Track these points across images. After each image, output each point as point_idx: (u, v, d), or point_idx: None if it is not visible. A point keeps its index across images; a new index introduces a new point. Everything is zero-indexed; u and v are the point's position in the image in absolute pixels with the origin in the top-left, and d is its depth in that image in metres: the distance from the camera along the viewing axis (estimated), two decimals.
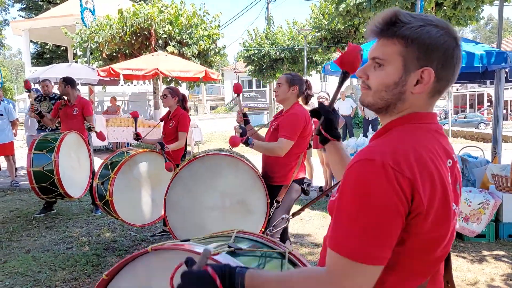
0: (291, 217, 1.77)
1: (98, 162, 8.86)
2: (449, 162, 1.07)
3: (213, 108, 38.96)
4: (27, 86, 5.45)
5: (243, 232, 1.44)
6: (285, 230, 3.42)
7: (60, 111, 5.84)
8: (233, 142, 2.92)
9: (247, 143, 3.04)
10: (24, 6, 31.74)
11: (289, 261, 1.34)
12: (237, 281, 1.00)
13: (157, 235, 4.96)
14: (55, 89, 7.36)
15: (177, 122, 4.63)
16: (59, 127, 7.06)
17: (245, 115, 3.55)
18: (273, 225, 1.77)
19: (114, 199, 4.26)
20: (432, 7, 11.60)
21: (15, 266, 4.10)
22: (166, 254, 1.24)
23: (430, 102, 1.08)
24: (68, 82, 5.81)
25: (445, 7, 11.63)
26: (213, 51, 13.69)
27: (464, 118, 26.52)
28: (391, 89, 1.05)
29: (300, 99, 3.42)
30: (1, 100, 8.13)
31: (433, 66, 1.01)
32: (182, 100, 4.87)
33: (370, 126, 12.51)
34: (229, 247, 1.24)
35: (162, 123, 4.90)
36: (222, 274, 1.00)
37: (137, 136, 4.73)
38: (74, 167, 5.54)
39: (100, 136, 5.56)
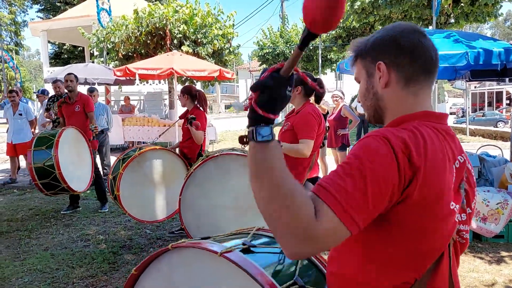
0: None
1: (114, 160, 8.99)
2: (457, 163, 1.09)
3: (227, 107, 39.07)
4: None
5: (262, 230, 1.46)
6: None
7: (61, 109, 5.86)
8: None
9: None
10: (42, 7, 32.31)
11: (307, 258, 1.36)
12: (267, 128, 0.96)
13: (175, 232, 5.02)
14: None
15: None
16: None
17: None
18: None
19: (121, 194, 4.38)
20: (449, 4, 11.43)
21: (34, 263, 4.19)
22: (185, 252, 1.33)
23: (410, 91, 1.12)
24: (77, 78, 5.87)
25: (462, 4, 11.45)
26: (227, 50, 13.72)
27: (482, 116, 26.09)
28: (366, 95, 1.20)
29: (312, 98, 3.41)
30: (20, 100, 8.29)
31: (385, 59, 1.12)
32: (199, 98, 4.82)
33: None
34: (244, 244, 1.27)
35: (181, 121, 4.98)
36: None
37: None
38: (75, 162, 5.56)
39: (93, 144, 5.68)
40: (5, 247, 4.72)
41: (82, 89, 7.88)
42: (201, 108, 4.81)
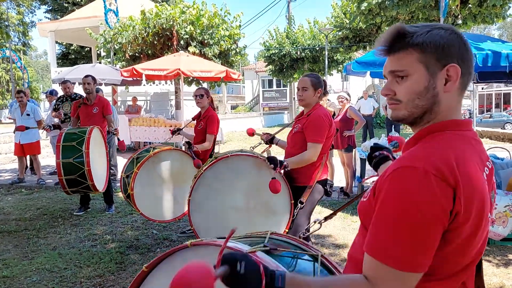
0: (323, 220, 1.76)
1: (120, 160, 9.02)
2: (486, 170, 1.08)
3: (233, 107, 39.10)
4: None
5: (276, 234, 1.46)
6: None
7: (79, 110, 5.88)
8: (274, 188, 2.91)
9: (284, 168, 3.06)
10: (50, 8, 32.48)
11: (321, 264, 1.35)
12: (277, 280, 0.98)
13: (187, 232, 5.03)
14: (76, 90, 7.51)
15: (205, 124, 4.70)
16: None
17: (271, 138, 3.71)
18: (306, 228, 1.77)
19: (135, 193, 4.43)
20: (457, 5, 11.37)
21: (42, 262, 4.22)
22: (204, 250, 1.29)
23: (460, 99, 1.11)
24: (95, 80, 5.92)
25: (470, 5, 11.38)
26: (234, 51, 13.74)
27: (490, 118, 25.91)
28: (424, 94, 1.08)
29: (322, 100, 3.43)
30: (28, 100, 8.35)
31: (454, 62, 1.05)
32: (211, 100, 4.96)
33: (393, 126, 12.36)
34: (265, 246, 1.27)
35: (193, 122, 5.01)
36: (266, 271, 0.99)
37: (177, 129, 4.96)
38: (96, 161, 5.53)
39: (121, 145, 5.61)
40: (14, 246, 4.76)
41: None
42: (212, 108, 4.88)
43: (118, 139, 5.77)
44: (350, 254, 1.20)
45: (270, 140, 3.67)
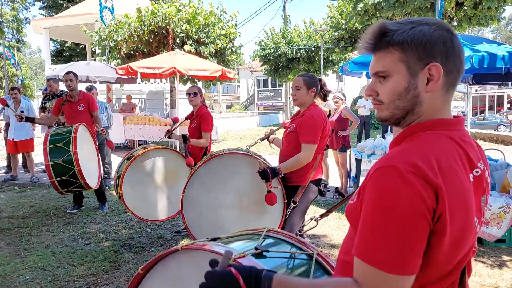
0: (319, 218, 1.79)
1: (115, 158, 8.98)
2: (476, 172, 1.05)
3: (228, 107, 39.09)
4: (2, 102, 5.57)
5: (273, 231, 1.44)
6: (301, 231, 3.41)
7: (63, 108, 5.71)
8: (270, 202, 3.09)
9: (276, 175, 3.10)
10: (45, 4, 32.31)
11: (316, 262, 1.35)
12: (263, 284, 0.97)
13: (181, 231, 5.01)
14: (62, 87, 7.37)
15: (198, 122, 4.69)
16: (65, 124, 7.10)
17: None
18: (302, 226, 1.78)
19: (124, 192, 4.43)
20: (452, 7, 11.43)
21: (35, 261, 4.18)
22: (196, 254, 1.30)
23: (447, 98, 1.07)
24: (77, 76, 5.76)
25: (465, 7, 11.44)
26: (229, 50, 13.72)
27: (483, 119, 26.09)
28: (404, 95, 1.05)
29: (318, 99, 3.42)
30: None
31: (437, 61, 1.01)
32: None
33: (388, 127, 12.40)
34: (256, 248, 1.25)
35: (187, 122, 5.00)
36: (246, 275, 0.98)
37: (168, 133, 4.91)
38: (87, 158, 5.46)
39: (109, 144, 5.62)
40: (6, 244, 4.71)
41: (83, 87, 7.86)
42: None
43: (106, 139, 5.75)
44: (339, 256, 1.18)
45: (267, 137, 3.69)
